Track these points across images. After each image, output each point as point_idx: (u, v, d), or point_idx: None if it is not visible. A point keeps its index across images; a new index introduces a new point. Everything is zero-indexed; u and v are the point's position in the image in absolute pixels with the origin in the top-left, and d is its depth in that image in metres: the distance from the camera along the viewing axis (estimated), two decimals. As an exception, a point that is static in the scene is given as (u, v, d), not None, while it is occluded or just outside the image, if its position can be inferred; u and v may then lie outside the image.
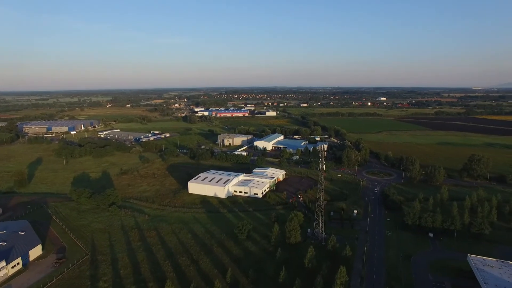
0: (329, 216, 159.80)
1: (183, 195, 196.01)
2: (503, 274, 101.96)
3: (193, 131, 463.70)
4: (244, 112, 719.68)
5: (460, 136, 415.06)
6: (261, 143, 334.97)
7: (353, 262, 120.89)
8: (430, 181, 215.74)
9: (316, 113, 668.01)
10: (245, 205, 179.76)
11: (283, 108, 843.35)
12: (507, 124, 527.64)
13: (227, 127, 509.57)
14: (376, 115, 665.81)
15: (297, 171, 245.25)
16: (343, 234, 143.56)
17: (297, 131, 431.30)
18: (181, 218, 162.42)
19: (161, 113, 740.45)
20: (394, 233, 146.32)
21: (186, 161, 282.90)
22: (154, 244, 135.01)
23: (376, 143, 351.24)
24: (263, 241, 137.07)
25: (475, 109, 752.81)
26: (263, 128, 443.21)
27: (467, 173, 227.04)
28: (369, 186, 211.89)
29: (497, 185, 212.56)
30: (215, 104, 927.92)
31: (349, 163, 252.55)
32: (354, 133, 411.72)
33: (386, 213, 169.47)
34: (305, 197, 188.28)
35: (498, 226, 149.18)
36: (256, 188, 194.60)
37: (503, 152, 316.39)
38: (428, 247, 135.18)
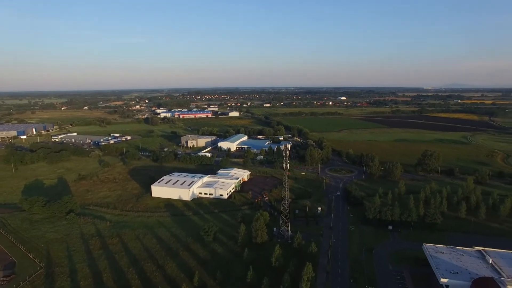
0: (294, 214, 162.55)
1: (146, 199, 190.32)
2: (452, 258, 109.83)
3: (155, 133, 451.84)
4: (207, 113, 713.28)
5: (414, 133, 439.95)
6: (225, 144, 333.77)
7: (318, 258, 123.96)
8: (389, 177, 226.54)
9: (279, 113, 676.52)
10: (210, 207, 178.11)
11: (247, 108, 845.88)
12: (454, 121, 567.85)
13: (191, 128, 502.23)
14: (337, 114, 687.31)
15: (262, 171, 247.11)
16: (309, 231, 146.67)
17: (260, 131, 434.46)
18: (145, 223, 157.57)
19: (122, 115, 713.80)
20: (356, 228, 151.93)
21: (148, 164, 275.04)
22: (117, 252, 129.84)
23: (338, 141, 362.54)
24: (230, 242, 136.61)
25: (426, 108, 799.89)
26: (227, 129, 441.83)
27: (421, 167, 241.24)
28: (332, 184, 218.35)
29: (446, 178, 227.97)
30: (177, 105, 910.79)
31: (312, 162, 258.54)
32: (316, 132, 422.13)
33: (348, 208, 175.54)
34: (270, 196, 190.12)
35: (448, 216, 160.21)
36: (221, 189, 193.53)
37: (451, 147, 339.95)
38: (388, 239, 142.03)
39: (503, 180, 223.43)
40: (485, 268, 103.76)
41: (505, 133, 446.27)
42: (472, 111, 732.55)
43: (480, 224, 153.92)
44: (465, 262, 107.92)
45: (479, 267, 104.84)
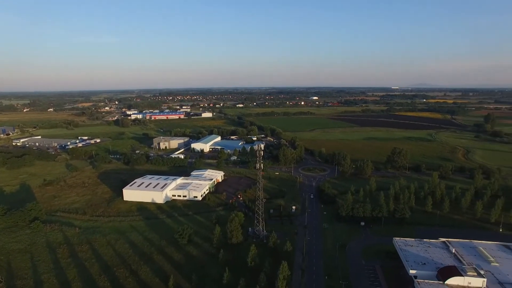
0: (269, 214, 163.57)
1: (118, 203, 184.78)
2: (419, 250, 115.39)
3: (126, 135, 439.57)
4: (179, 114, 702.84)
5: (384, 132, 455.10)
6: (198, 145, 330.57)
7: (294, 256, 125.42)
8: (360, 174, 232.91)
9: (252, 113, 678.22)
10: (184, 209, 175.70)
11: (219, 109, 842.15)
12: (420, 119, 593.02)
13: (163, 130, 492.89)
14: (309, 113, 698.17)
15: (236, 172, 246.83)
16: (283, 230, 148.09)
17: (234, 131, 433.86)
18: (117, 227, 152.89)
19: (90, 117, 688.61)
20: (330, 225, 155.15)
21: (119, 167, 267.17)
22: (87, 259, 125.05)
23: (310, 141, 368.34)
24: (205, 244, 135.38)
25: (395, 107, 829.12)
26: (200, 130, 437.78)
27: (391, 164, 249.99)
28: (306, 183, 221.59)
29: (414, 174, 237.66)
30: (149, 107, 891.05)
31: (285, 161, 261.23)
32: (289, 132, 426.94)
33: (322, 207, 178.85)
34: (244, 196, 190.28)
35: (416, 210, 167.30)
36: (195, 191, 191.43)
37: (418, 145, 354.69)
38: (360, 235, 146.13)
39: (464, 174, 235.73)
40: (449, 258, 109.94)
41: (465, 130, 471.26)
42: (436, 110, 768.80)
43: (444, 216, 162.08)
44: (431, 253, 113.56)
45: (444, 257, 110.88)
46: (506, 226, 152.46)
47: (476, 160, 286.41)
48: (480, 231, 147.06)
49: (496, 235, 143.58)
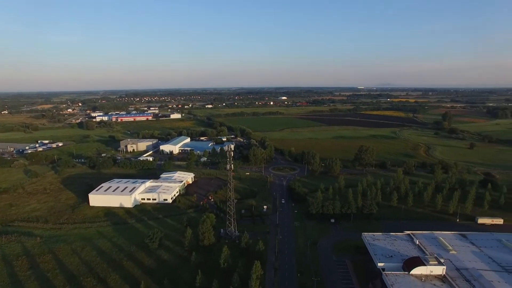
0: (241, 214, 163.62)
1: (83, 209, 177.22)
2: (386, 244, 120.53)
3: (91, 138, 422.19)
4: (147, 116, 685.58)
5: (351, 130, 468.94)
6: (167, 147, 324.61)
7: (266, 256, 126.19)
8: (329, 172, 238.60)
9: (222, 114, 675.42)
10: (154, 213, 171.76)
11: (188, 110, 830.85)
12: (384, 118, 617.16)
13: (130, 132, 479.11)
14: (278, 113, 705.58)
15: (206, 173, 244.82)
16: (255, 230, 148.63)
17: (203, 132, 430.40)
18: (83, 235, 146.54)
19: (51, 120, 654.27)
20: (301, 223, 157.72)
21: (85, 171, 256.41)
22: (50, 270, 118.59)
23: (280, 140, 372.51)
24: (177, 247, 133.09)
25: (361, 106, 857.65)
26: (169, 131, 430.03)
27: (358, 162, 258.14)
28: (276, 182, 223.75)
29: (380, 170, 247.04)
30: (115, 108, 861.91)
31: (256, 161, 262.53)
32: (259, 132, 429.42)
33: (293, 205, 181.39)
34: (215, 198, 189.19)
35: (382, 205, 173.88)
36: (165, 193, 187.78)
37: (383, 142, 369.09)
38: (331, 231, 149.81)
39: (425, 169, 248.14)
40: (413, 249, 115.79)
41: (426, 128, 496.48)
42: (399, 108, 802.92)
43: (409, 210, 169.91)
44: (397, 246, 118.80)
45: (409, 249, 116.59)
46: (462, 216, 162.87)
47: (436, 156, 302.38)
48: (440, 222, 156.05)
49: (454, 225, 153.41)
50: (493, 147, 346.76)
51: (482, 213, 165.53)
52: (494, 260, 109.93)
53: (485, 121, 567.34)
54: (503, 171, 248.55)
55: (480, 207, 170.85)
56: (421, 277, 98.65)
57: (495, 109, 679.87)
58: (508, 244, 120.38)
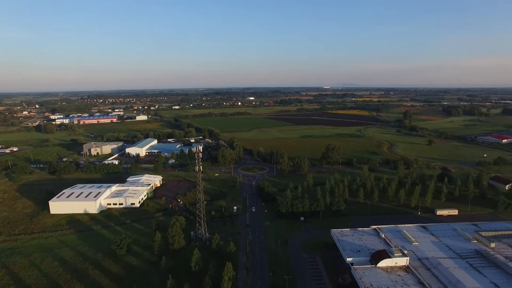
0: (211, 216, 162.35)
1: (43, 217, 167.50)
2: (354, 239, 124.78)
3: (51, 142, 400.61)
4: (112, 118, 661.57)
5: (318, 129, 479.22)
6: (134, 150, 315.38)
7: (238, 256, 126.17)
8: (298, 171, 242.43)
9: (189, 115, 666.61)
10: (121, 218, 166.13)
11: (155, 111, 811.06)
12: (350, 117, 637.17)
13: (94, 135, 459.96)
14: (246, 114, 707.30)
15: (174, 175, 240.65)
16: (226, 231, 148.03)
17: (171, 134, 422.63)
18: (43, 245, 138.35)
19: (3, 123, 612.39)
20: (271, 222, 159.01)
21: (44, 177, 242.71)
22: (4, 286, 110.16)
23: (249, 141, 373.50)
24: (146, 252, 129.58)
25: (327, 105, 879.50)
26: (135, 134, 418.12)
27: (326, 160, 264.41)
28: (246, 182, 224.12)
29: (347, 168, 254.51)
30: (76, 110, 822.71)
31: (225, 162, 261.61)
32: (227, 132, 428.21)
33: (263, 205, 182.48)
34: (185, 200, 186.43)
35: (350, 202, 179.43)
36: (132, 197, 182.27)
37: (349, 140, 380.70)
38: (301, 229, 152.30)
39: (389, 166, 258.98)
40: (379, 243, 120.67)
41: (389, 126, 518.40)
42: (364, 107, 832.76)
43: (374, 205, 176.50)
44: (364, 240, 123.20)
45: (375, 242, 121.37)
46: (423, 209, 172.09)
47: (398, 152, 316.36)
48: (403, 216, 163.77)
49: (415, 217, 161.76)
50: (449, 143, 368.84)
51: (440, 205, 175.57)
52: (450, 248, 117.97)
53: (441, 119, 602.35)
54: (457, 165, 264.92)
55: (438, 200, 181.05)
56: (387, 269, 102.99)
57: (449, 108, 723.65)
58: (462, 233, 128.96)
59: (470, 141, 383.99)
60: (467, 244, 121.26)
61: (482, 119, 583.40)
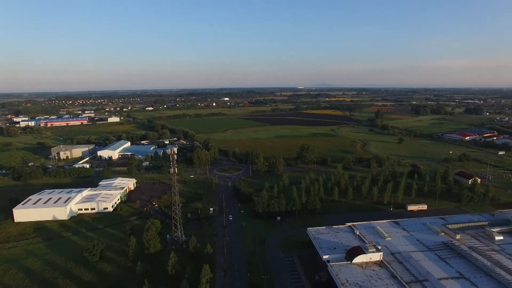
0: (187, 218, 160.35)
1: (6, 226, 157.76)
2: (330, 237, 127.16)
3: (14, 146, 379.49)
4: (82, 120, 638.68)
5: (292, 129, 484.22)
6: (106, 152, 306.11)
7: (215, 258, 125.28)
8: (273, 171, 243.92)
9: (163, 116, 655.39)
10: (94, 223, 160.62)
11: (128, 112, 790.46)
12: (323, 116, 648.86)
13: (63, 138, 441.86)
14: (221, 114, 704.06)
15: (149, 178, 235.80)
16: (203, 233, 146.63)
17: (144, 136, 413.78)
18: (6, 256, 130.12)
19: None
20: (248, 223, 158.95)
21: (7, 183, 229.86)
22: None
23: (224, 141, 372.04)
24: (120, 257, 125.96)
25: (301, 105, 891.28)
26: (107, 136, 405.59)
27: (301, 160, 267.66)
28: (222, 183, 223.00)
29: (322, 167, 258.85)
30: (43, 112, 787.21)
31: (200, 163, 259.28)
32: (202, 133, 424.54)
33: (239, 205, 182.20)
34: (160, 203, 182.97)
35: (325, 200, 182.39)
36: (105, 202, 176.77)
37: (323, 140, 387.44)
38: (277, 229, 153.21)
39: (362, 164, 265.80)
40: (354, 240, 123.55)
41: (361, 125, 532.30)
42: (337, 107, 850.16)
43: (349, 203, 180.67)
44: (340, 238, 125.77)
45: (350, 239, 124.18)
46: (395, 205, 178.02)
47: (371, 151, 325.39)
48: (377, 212, 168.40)
49: (388, 213, 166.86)
50: (418, 141, 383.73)
51: (411, 201, 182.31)
52: (420, 242, 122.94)
53: (410, 118, 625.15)
54: (426, 162, 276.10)
55: (409, 196, 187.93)
56: (362, 265, 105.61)
57: (418, 107, 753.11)
58: (431, 226, 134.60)
59: (437, 138, 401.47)
60: (435, 237, 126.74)
61: (447, 118, 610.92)
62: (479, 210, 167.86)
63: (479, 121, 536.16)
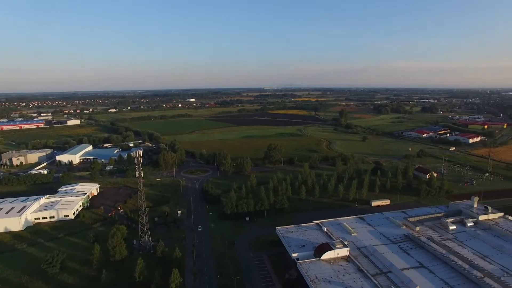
0: (154, 222, 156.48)
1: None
2: (299, 235, 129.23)
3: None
4: (38, 123, 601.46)
5: (259, 129, 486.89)
6: (66, 157, 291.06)
7: (184, 262, 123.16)
8: (241, 172, 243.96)
9: (127, 118, 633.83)
10: (53, 232, 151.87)
11: (89, 115, 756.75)
12: (290, 116, 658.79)
13: (16, 142, 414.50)
14: (187, 116, 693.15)
15: (113, 182, 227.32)
16: (171, 237, 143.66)
17: (107, 139, 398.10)
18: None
19: None
20: (217, 225, 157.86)
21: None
22: None
23: (190, 143, 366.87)
24: (83, 267, 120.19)
25: (267, 106, 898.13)
26: (66, 140, 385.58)
27: (268, 160, 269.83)
28: (189, 185, 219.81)
29: (289, 166, 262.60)
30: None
31: (166, 166, 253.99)
32: (168, 135, 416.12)
33: (207, 207, 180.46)
34: (125, 208, 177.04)
35: (293, 199, 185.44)
36: (66, 209, 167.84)
37: (290, 140, 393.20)
38: (246, 229, 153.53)
39: (328, 162, 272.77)
40: (322, 237, 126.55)
41: (326, 124, 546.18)
42: (303, 107, 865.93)
43: (316, 201, 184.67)
44: (308, 235, 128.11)
45: (318, 236, 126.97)
46: (360, 201, 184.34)
47: (336, 149, 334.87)
48: (343, 209, 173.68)
49: (354, 210, 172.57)
50: (380, 139, 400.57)
51: (374, 197, 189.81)
52: (384, 235, 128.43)
53: (373, 117, 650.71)
54: (387, 159, 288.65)
55: (373, 192, 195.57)
56: (330, 261, 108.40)
57: (379, 106, 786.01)
58: (393, 220, 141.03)
59: (397, 136, 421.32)
60: (397, 230, 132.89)
61: (406, 117, 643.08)
62: (435, 203, 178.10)
63: (434, 119, 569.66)
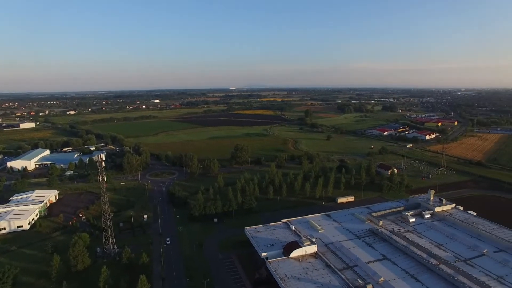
0: (119, 228, 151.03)
1: None
2: (267, 234, 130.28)
3: None
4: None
5: (226, 130, 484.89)
6: (19, 163, 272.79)
7: (152, 267, 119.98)
8: (208, 173, 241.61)
9: (88, 121, 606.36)
10: (4, 245, 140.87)
11: (45, 117, 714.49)
12: (256, 117, 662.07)
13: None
14: (151, 117, 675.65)
15: (74, 188, 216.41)
16: (137, 242, 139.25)
17: (66, 142, 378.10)
18: None
19: None
20: (185, 227, 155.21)
21: None
22: None
23: (156, 145, 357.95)
24: (41, 280, 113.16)
25: (233, 106, 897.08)
26: (19, 145, 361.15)
27: (235, 160, 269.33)
28: (155, 188, 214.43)
29: (256, 166, 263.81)
30: None
31: (131, 169, 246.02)
32: (132, 138, 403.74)
33: (175, 210, 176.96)
34: (87, 214, 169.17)
35: (260, 199, 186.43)
36: (20, 219, 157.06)
37: (257, 140, 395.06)
38: (215, 231, 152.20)
39: (294, 161, 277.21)
40: (290, 235, 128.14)
41: (292, 124, 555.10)
42: (268, 107, 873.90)
43: (283, 200, 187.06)
44: (277, 234, 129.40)
45: (286, 235, 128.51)
46: (326, 199, 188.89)
47: (302, 148, 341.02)
48: (310, 207, 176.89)
49: (320, 207, 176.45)
50: (344, 137, 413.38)
51: (340, 194, 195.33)
52: (350, 231, 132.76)
53: (336, 116, 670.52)
54: (351, 156, 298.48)
55: (338, 189, 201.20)
56: (299, 258, 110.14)
57: (343, 106, 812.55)
58: (358, 216, 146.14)
59: (360, 134, 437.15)
60: (362, 225, 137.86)
61: (368, 115, 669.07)
62: (397, 197, 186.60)
63: (394, 118, 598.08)
